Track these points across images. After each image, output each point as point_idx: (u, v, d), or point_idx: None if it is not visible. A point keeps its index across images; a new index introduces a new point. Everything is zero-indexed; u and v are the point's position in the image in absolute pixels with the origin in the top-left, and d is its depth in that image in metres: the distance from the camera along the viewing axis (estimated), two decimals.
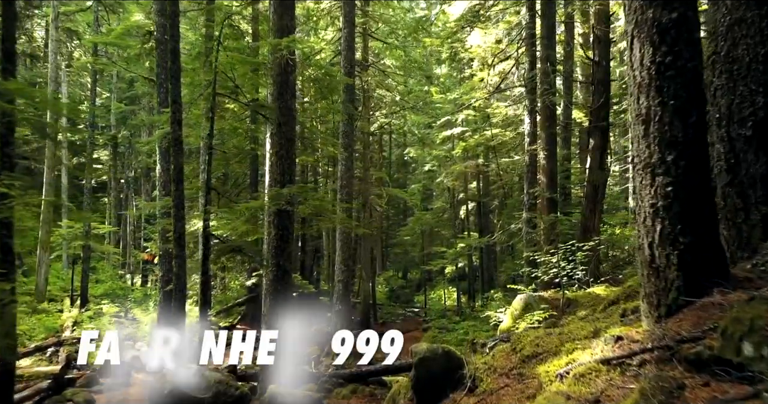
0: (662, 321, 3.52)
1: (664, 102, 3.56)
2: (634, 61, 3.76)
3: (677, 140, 3.51)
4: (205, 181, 10.56)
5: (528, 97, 14.82)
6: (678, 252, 3.47)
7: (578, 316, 8.78)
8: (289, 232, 8.29)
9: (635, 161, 3.80)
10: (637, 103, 3.75)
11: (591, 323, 5.02)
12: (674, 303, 3.48)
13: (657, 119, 3.59)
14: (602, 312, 6.94)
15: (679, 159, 3.50)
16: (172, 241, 9.63)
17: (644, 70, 3.66)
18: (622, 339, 3.52)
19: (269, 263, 8.30)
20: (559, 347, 4.52)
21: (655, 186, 3.58)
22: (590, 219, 13.56)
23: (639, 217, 3.76)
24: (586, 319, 6.26)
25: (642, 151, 3.69)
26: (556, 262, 9.78)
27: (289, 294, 8.18)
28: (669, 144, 3.53)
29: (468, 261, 26.81)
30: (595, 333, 4.42)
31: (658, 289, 3.61)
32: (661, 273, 3.58)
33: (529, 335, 5.30)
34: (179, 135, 9.72)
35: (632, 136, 3.83)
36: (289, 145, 8.35)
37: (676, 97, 3.53)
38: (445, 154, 26.62)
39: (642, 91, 3.69)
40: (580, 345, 4.00)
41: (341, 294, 15.70)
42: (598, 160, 13.56)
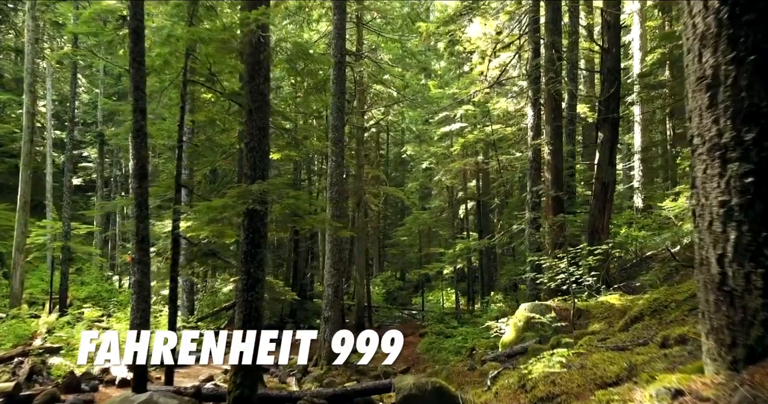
0: (740, 368, 2.47)
1: (740, 58, 2.50)
2: (693, 4, 2.71)
3: (760, 111, 2.45)
4: (175, 177, 9.51)
5: (531, 88, 13.78)
6: (764, 270, 2.42)
7: (592, 330, 7.74)
8: (261, 236, 7.23)
9: (695, 142, 2.75)
10: (698, 61, 2.69)
11: (620, 354, 3.97)
12: (759, 345, 2.43)
13: (729, 83, 2.54)
14: (624, 331, 5.89)
15: (763, 138, 2.44)
16: (134, 245, 8.59)
17: (710, 14, 2.60)
18: (683, 395, 2.46)
19: (239, 270, 7.26)
20: (582, 388, 3.48)
21: (726, 176, 2.53)
22: (599, 219, 12.51)
23: (701, 221, 2.71)
24: (606, 341, 5.21)
25: (706, 128, 2.64)
26: (565, 268, 8.74)
27: (260, 304, 7.13)
28: (747, 117, 2.48)
29: (467, 262, 25.75)
30: (629, 370, 3.38)
31: (733, 322, 2.55)
32: (736, 300, 2.53)
33: (540, 367, 4.25)
34: (142, 125, 8.67)
35: (691, 107, 2.77)
36: (261, 136, 7.30)
37: (757, 50, 2.47)
38: (444, 150, 25.58)
39: (706, 44, 2.63)
40: (617, 396, 2.94)
41: (331, 299, 14.64)
42: (607, 155, 12.51)
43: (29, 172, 20.18)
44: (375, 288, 32.22)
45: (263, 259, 7.27)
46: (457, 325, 19.87)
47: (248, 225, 7.19)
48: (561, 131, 13.39)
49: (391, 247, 34.74)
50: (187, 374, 13.30)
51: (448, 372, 7.76)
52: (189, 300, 17.76)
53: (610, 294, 9.29)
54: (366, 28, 22.10)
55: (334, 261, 14.64)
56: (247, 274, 7.16)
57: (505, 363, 7.82)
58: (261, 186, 6.80)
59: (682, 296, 5.66)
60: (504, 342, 9.33)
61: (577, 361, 3.95)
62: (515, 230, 15.38)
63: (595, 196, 12.89)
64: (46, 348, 13.66)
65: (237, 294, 7.34)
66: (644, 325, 5.44)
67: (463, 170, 24.59)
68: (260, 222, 7.20)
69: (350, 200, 24.16)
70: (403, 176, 38.75)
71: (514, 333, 9.11)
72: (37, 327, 16.82)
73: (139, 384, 8.22)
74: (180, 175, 9.44)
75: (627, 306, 8.19)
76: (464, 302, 26.84)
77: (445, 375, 7.68)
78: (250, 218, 7.14)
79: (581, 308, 8.57)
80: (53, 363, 12.85)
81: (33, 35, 19.45)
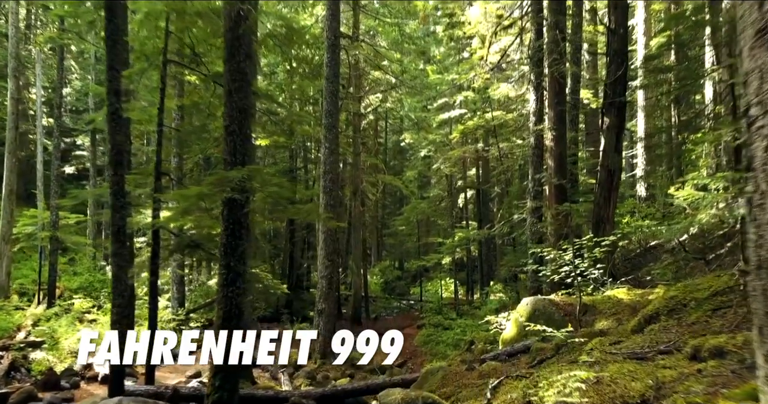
0: None
1: None
2: None
3: None
4: (155, 164, 8.92)
5: (534, 71, 13.14)
6: None
7: (600, 329, 7.20)
8: (242, 227, 6.67)
9: (753, 113, 2.17)
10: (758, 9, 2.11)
11: (641, 366, 3.41)
12: None
13: None
14: (638, 332, 5.35)
15: None
16: (111, 236, 8.04)
17: None
18: None
19: (219, 264, 6.71)
20: None
21: None
22: (604, 208, 11.94)
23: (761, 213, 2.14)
24: (619, 345, 4.67)
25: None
26: (570, 260, 8.18)
27: (242, 300, 6.58)
28: None
29: (466, 252, 25.24)
30: (657, 390, 2.84)
31: None
32: None
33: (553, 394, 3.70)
34: (118, 108, 8.08)
35: (747, 69, 2.19)
36: (242, 118, 6.71)
37: None
38: (443, 138, 24.97)
39: None
40: None
41: (325, 291, 14.13)
42: (613, 141, 11.91)
43: (15, 160, 19.61)
44: (373, 278, 31.77)
45: (245, 252, 6.71)
46: (456, 317, 19.41)
47: (228, 215, 6.63)
48: (564, 116, 12.78)
49: (389, 237, 34.23)
50: (174, 369, 12.82)
51: (445, 372, 7.24)
52: (179, 291, 17.22)
53: (617, 288, 8.76)
54: (363, 11, 21.40)
55: (328, 252, 14.11)
56: (227, 268, 6.61)
57: (506, 362, 7.31)
58: (240, 172, 6.22)
59: (703, 294, 5.12)
60: (504, 339, 8.81)
61: (591, 375, 3.40)
62: (516, 220, 14.83)
63: (599, 185, 12.31)
64: (28, 342, 13.18)
65: (217, 290, 6.81)
66: (661, 327, 4.90)
67: (463, 158, 24.00)
68: (241, 213, 6.64)
69: (347, 189, 23.61)
70: (402, 165, 38.15)
71: (515, 330, 8.58)
72: (23, 319, 16.33)
73: (115, 385, 7.72)
74: (160, 162, 8.86)
75: (636, 302, 7.67)
76: (463, 292, 26.38)
77: (441, 376, 7.16)
78: (230, 208, 6.57)
79: (587, 303, 8.04)
80: (35, 358, 12.38)
81: (16, 18, 18.75)
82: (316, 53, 22.57)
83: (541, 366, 6.44)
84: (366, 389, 8.04)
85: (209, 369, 6.55)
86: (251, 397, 7.93)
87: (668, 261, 10.79)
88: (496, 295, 21.55)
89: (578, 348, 6.24)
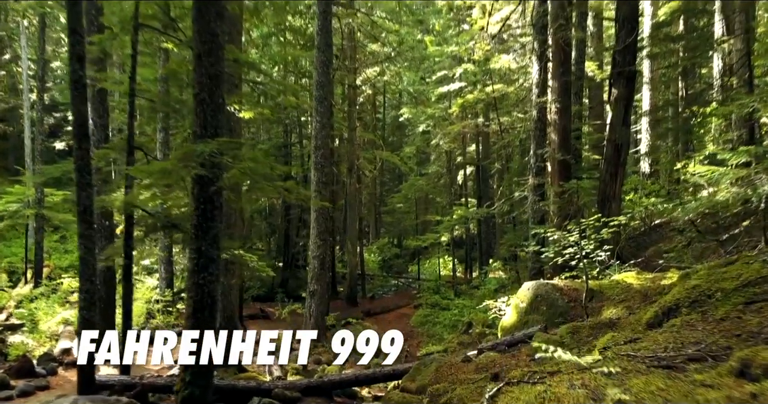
0: None
1: None
2: None
3: None
4: (128, 137, 8.22)
5: (537, 39, 12.33)
6: None
7: (609, 318, 6.60)
8: (215, 207, 6.02)
9: None
10: None
11: (673, 381, 2.78)
12: None
13: None
14: (655, 326, 4.74)
15: None
16: (77, 216, 7.39)
17: None
18: None
19: (189, 248, 6.08)
20: None
21: None
22: (610, 185, 11.27)
23: None
24: (636, 345, 4.05)
25: None
26: (576, 241, 7.55)
27: (215, 287, 5.97)
28: None
29: (465, 230, 24.65)
30: None
31: None
32: None
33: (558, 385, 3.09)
34: (81, 76, 7.34)
35: None
36: (213, 86, 6.00)
37: None
38: (442, 112, 24.14)
39: None
40: None
41: (317, 272, 13.56)
42: (621, 113, 11.16)
43: None
44: (371, 256, 31.26)
45: (218, 235, 6.07)
46: (454, 297, 18.92)
47: (198, 194, 5.97)
48: (569, 87, 12.02)
49: (387, 215, 33.63)
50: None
51: (439, 364, 6.66)
52: (167, 271, 16.64)
53: (626, 272, 8.15)
54: None
55: (320, 232, 13.50)
56: (198, 253, 5.98)
57: (506, 353, 6.73)
58: (209, 146, 5.54)
59: (731, 283, 4.49)
60: (504, 326, 8.24)
61: (612, 389, 2.77)
62: (517, 197, 14.16)
63: (605, 160, 11.61)
64: (7, 325, 12.67)
65: (187, 277, 6.21)
66: (684, 322, 4.28)
67: (462, 133, 23.23)
68: (213, 191, 5.98)
69: (342, 165, 22.91)
70: (401, 140, 37.33)
71: (515, 316, 8.00)
72: (7, 300, 15.82)
73: (86, 375, 7.16)
74: (132, 136, 8.16)
75: (648, 288, 7.06)
76: (461, 270, 25.87)
77: (434, 368, 6.59)
78: (201, 186, 5.91)
79: (593, 288, 7.44)
80: (13, 341, 11.87)
81: None
82: (310, 23, 21.65)
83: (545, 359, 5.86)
84: (355, 380, 7.50)
85: (180, 365, 5.96)
86: (231, 388, 7.39)
87: (680, 241, 10.16)
88: (496, 273, 21.03)
89: (585, 342, 5.66)
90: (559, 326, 7.19)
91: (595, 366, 3.36)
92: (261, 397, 7.07)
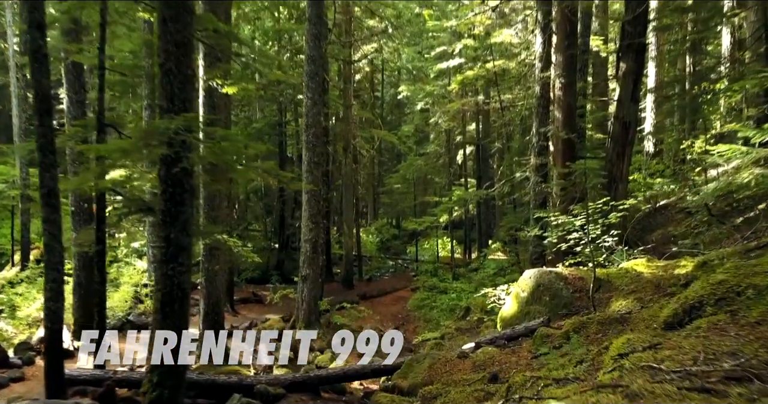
0: None
1: None
2: None
3: None
4: (97, 114, 7.58)
5: (541, 8, 11.60)
6: None
7: (618, 311, 6.05)
8: (185, 190, 5.42)
9: None
10: None
11: None
12: None
13: None
14: (675, 327, 4.18)
15: None
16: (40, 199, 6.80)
17: None
18: None
19: (157, 235, 5.52)
20: None
21: None
22: (617, 165, 10.68)
23: None
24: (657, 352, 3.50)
25: None
26: (582, 226, 6.98)
27: (185, 279, 5.41)
28: None
29: (464, 211, 24.05)
30: None
31: None
32: None
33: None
34: (41, 45, 6.68)
35: None
36: (181, 54, 5.36)
37: None
38: (441, 90, 23.36)
39: None
40: None
41: (309, 255, 13.01)
42: (630, 88, 10.51)
43: None
44: (369, 237, 30.76)
45: (189, 220, 5.49)
46: (452, 280, 18.44)
47: (166, 175, 5.37)
48: (575, 61, 11.32)
49: (385, 195, 33.03)
50: None
51: (433, 360, 6.14)
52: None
53: (635, 259, 7.58)
54: None
55: (311, 214, 12.92)
56: (166, 241, 5.40)
57: (505, 349, 6.21)
58: (174, 122, 4.92)
59: (764, 279, 3.93)
60: (504, 317, 7.71)
61: None
62: (518, 178, 13.54)
63: (612, 139, 10.99)
64: None
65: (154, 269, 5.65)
66: (710, 324, 3.71)
67: (462, 111, 22.52)
68: (182, 173, 5.38)
69: (338, 144, 22.23)
70: (400, 119, 36.56)
71: (516, 306, 7.47)
72: None
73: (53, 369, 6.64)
74: (103, 112, 7.51)
75: (660, 277, 6.51)
76: (460, 251, 25.36)
77: (428, 365, 6.07)
78: (167, 166, 5.31)
79: (600, 277, 6.88)
80: None
81: None
82: None
83: (548, 356, 5.34)
84: (343, 375, 6.99)
85: (147, 365, 5.43)
86: (211, 383, 6.89)
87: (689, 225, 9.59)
88: (495, 254, 20.54)
89: (594, 340, 5.11)
90: (563, 318, 6.66)
91: (610, 384, 2.80)
92: (242, 394, 6.57)
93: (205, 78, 9.70)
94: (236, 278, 19.76)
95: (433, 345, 11.07)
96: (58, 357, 6.77)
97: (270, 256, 24.29)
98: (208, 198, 9.81)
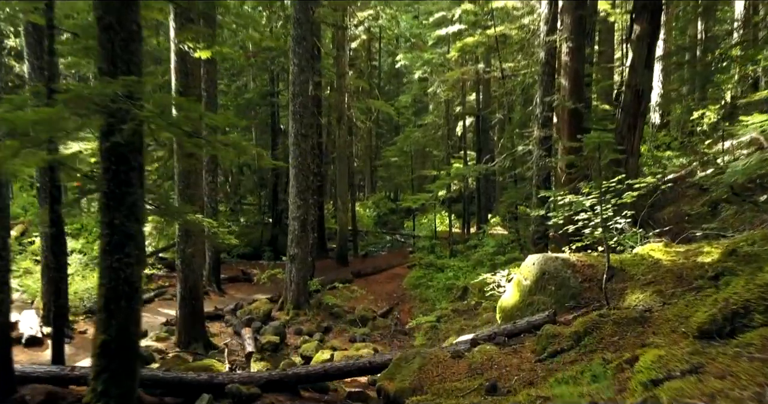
0: None
1: None
2: None
3: None
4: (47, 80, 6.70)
5: None
6: None
7: (635, 305, 5.30)
8: (132, 168, 4.62)
9: None
10: None
11: None
12: None
13: None
14: (714, 336, 3.43)
15: None
16: None
17: None
18: None
19: (100, 222, 4.73)
20: None
21: None
22: (628, 138, 9.84)
23: None
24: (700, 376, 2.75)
25: None
26: (593, 206, 6.20)
27: (134, 271, 4.65)
28: None
29: (463, 185, 23.22)
30: None
31: None
32: None
33: None
34: None
35: None
36: (123, 6, 4.48)
37: None
38: (439, 58, 22.28)
39: None
40: None
41: (297, 234, 12.29)
42: (644, 53, 9.59)
43: None
44: (366, 211, 30.00)
45: (136, 204, 4.69)
46: (449, 257, 17.74)
47: (108, 152, 4.55)
48: (584, 23, 10.35)
49: (382, 169, 32.15)
50: None
51: (423, 360, 5.43)
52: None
53: (651, 243, 6.81)
54: None
55: (299, 190, 12.13)
56: (110, 227, 4.62)
57: (506, 347, 5.49)
58: (111, 86, 4.07)
59: None
60: (504, 307, 6.97)
61: None
62: (520, 152, 12.69)
63: (623, 109, 10.13)
64: None
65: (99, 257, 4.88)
66: (763, 338, 2.97)
67: (461, 80, 21.46)
68: (128, 148, 4.55)
69: (332, 115, 21.28)
70: (398, 89, 35.40)
71: (518, 296, 6.73)
72: None
73: None
74: (53, 77, 6.65)
75: (681, 265, 5.74)
76: (458, 226, 24.60)
77: (418, 366, 5.35)
78: (108, 139, 4.48)
79: (613, 264, 6.12)
80: None
81: None
82: None
83: (555, 359, 4.62)
84: (324, 373, 6.31)
85: (92, 369, 4.70)
86: (179, 382, 6.21)
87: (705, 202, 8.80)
88: (495, 229, 19.82)
89: (610, 345, 4.37)
90: (570, 311, 5.93)
91: None
92: (212, 395, 5.89)
93: (176, 41, 8.78)
94: (227, 255, 19.07)
95: (428, 329, 10.44)
96: (5, 353, 6.07)
97: (264, 231, 23.58)
98: (182, 174, 8.99)
